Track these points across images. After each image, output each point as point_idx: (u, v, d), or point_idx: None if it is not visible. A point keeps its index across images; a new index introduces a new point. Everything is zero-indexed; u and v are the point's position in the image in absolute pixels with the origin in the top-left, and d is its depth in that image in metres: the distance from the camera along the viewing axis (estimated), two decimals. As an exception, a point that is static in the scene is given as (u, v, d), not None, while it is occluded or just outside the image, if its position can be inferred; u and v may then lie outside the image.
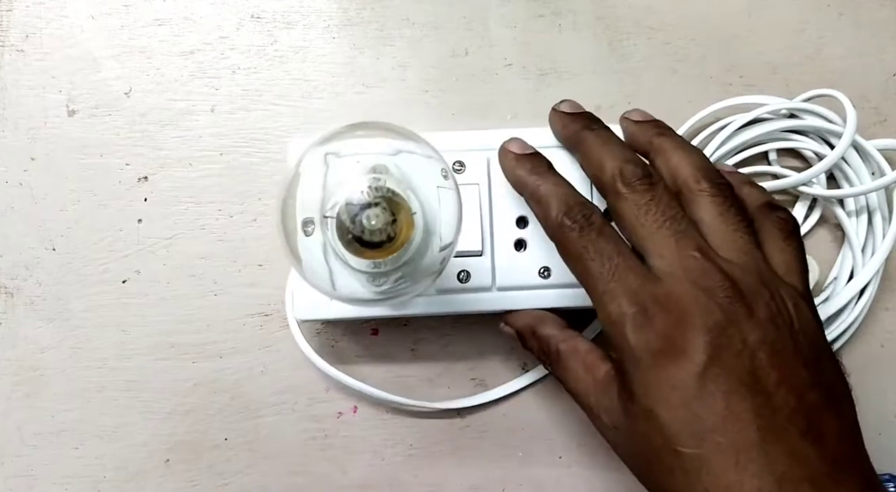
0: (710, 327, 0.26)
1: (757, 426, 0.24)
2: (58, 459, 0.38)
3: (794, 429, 0.25)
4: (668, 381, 0.25)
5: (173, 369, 0.39)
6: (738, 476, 0.24)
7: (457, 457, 0.38)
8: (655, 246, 0.27)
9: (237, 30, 0.41)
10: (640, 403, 0.26)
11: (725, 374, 0.25)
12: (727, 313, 0.26)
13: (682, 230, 0.28)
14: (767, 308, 0.26)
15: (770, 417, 0.25)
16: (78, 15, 0.41)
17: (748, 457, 0.24)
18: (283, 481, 0.38)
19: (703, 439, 0.25)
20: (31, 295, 0.39)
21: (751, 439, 0.24)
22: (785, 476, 0.24)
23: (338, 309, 0.35)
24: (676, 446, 0.25)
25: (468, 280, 0.35)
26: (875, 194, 0.39)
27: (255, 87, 0.40)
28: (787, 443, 0.24)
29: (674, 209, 0.28)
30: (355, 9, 0.41)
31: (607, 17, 0.41)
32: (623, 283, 0.27)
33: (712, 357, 0.25)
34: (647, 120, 0.33)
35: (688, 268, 0.27)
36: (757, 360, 0.25)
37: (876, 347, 0.40)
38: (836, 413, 0.26)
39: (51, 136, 0.40)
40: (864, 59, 0.41)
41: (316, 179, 0.27)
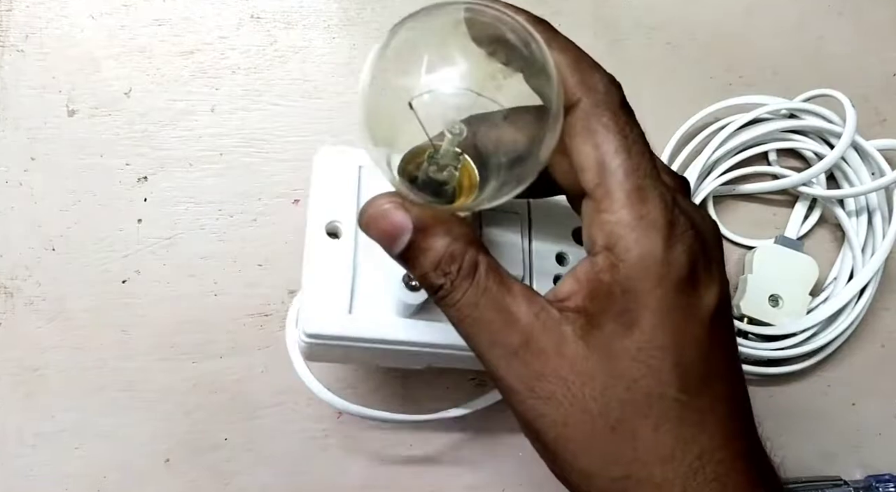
0: (719, 258, 0.23)
1: (740, 375, 0.23)
2: (58, 459, 0.38)
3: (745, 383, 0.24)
4: (686, 311, 0.21)
5: (173, 369, 0.39)
6: (733, 432, 0.22)
7: (457, 457, 0.38)
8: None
9: (237, 30, 0.41)
10: (645, 336, 0.21)
11: (728, 314, 0.23)
12: (719, 241, 0.24)
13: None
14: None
15: (740, 370, 0.24)
16: (78, 15, 0.41)
17: (738, 411, 0.22)
18: (283, 481, 0.38)
19: (707, 386, 0.22)
20: (31, 295, 0.39)
21: (740, 391, 0.23)
22: (752, 430, 0.23)
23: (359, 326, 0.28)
24: (678, 392, 0.21)
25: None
26: (875, 194, 0.39)
27: (255, 87, 0.40)
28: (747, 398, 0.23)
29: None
30: (355, 9, 0.41)
31: (607, 17, 0.41)
32: (658, 184, 0.22)
33: (723, 292, 0.22)
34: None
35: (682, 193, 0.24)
36: (728, 306, 0.23)
37: (876, 347, 0.40)
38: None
39: (51, 136, 0.40)
40: (864, 59, 0.41)
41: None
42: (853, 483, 0.38)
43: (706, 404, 0.21)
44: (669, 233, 0.21)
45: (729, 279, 0.40)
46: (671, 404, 0.21)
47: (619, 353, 0.21)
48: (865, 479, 0.39)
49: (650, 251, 0.21)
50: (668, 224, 0.21)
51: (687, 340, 0.21)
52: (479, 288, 0.23)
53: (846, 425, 0.39)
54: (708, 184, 0.39)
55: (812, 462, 0.39)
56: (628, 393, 0.21)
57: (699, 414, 0.21)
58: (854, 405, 0.40)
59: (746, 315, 0.38)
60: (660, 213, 0.21)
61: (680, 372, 0.21)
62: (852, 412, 0.40)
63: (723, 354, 0.22)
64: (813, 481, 0.38)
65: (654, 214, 0.21)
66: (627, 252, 0.21)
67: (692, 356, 0.21)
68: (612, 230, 0.21)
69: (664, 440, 0.21)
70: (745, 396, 0.23)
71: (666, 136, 0.40)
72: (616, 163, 0.21)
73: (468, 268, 0.23)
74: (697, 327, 0.21)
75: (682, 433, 0.21)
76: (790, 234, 0.40)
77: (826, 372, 0.40)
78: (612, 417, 0.21)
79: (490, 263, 0.23)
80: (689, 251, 0.21)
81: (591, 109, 0.22)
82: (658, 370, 0.21)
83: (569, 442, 0.22)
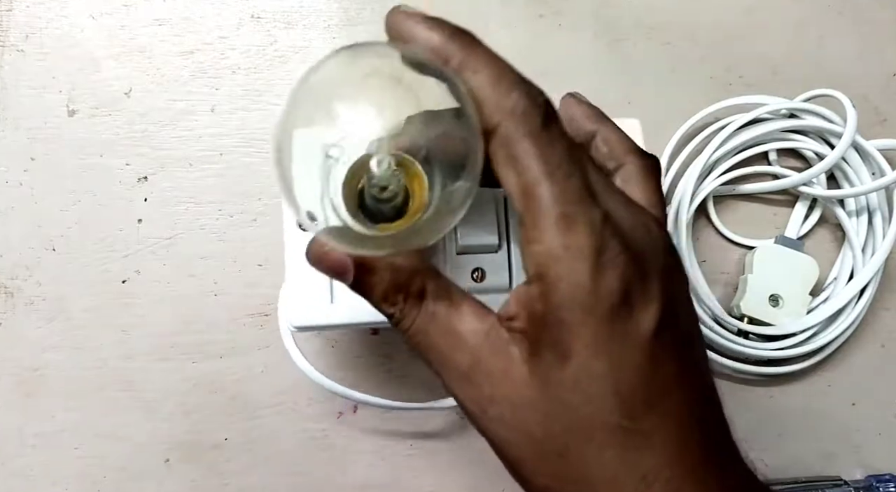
0: (660, 273, 0.22)
1: (693, 389, 0.22)
2: (58, 459, 0.38)
3: (710, 388, 0.23)
4: (623, 336, 0.21)
5: (173, 369, 0.39)
6: (680, 450, 0.21)
7: (457, 457, 0.38)
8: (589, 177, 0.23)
9: (237, 30, 0.41)
10: (580, 365, 0.21)
11: (672, 331, 0.22)
12: (667, 254, 0.23)
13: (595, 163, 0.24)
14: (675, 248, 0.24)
15: (700, 376, 0.23)
16: (78, 15, 0.41)
17: (689, 428, 0.22)
18: (283, 481, 0.38)
19: (652, 408, 0.21)
20: (31, 295, 0.39)
21: (691, 406, 0.22)
22: (716, 441, 0.23)
23: (340, 313, 0.31)
24: (621, 418, 0.21)
25: (483, 279, 0.31)
26: (875, 194, 0.39)
27: (255, 87, 0.40)
28: (710, 405, 0.23)
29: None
30: (355, 9, 0.41)
31: (607, 17, 0.41)
32: (586, 207, 0.21)
33: (664, 309, 0.21)
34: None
35: (618, 199, 0.23)
36: (688, 315, 0.23)
37: (876, 347, 0.40)
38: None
39: (51, 136, 0.40)
40: (864, 59, 0.41)
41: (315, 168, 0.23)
42: (853, 483, 0.38)
43: (652, 424, 0.21)
44: (597, 260, 0.20)
45: (729, 278, 0.40)
46: (614, 429, 0.21)
47: (557, 382, 0.21)
48: (865, 479, 0.39)
49: (578, 282, 0.21)
50: (595, 252, 0.20)
51: (625, 367, 0.21)
52: (426, 314, 0.23)
53: (846, 425, 0.39)
54: (708, 184, 0.39)
55: (812, 462, 0.39)
56: (570, 420, 0.21)
57: (644, 436, 0.21)
58: (854, 405, 0.40)
59: (746, 315, 0.38)
60: (587, 240, 0.20)
61: (620, 399, 0.21)
62: (852, 412, 0.40)
63: (670, 369, 0.22)
64: (813, 481, 0.38)
65: (580, 242, 0.20)
66: (557, 283, 0.21)
67: (632, 382, 0.21)
68: (540, 260, 0.21)
69: (609, 464, 0.21)
70: (703, 400, 0.23)
71: (666, 136, 0.40)
72: (539, 191, 0.21)
73: (415, 296, 0.23)
74: (635, 352, 0.21)
75: (627, 457, 0.21)
76: (790, 234, 0.40)
77: (826, 372, 0.40)
78: (557, 442, 0.21)
79: (438, 287, 0.23)
80: (621, 277, 0.21)
81: (510, 135, 0.21)
82: (598, 398, 0.21)
83: (521, 462, 0.22)
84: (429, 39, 0.22)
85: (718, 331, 0.38)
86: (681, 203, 0.39)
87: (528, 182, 0.21)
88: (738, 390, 0.39)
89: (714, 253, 0.40)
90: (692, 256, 0.39)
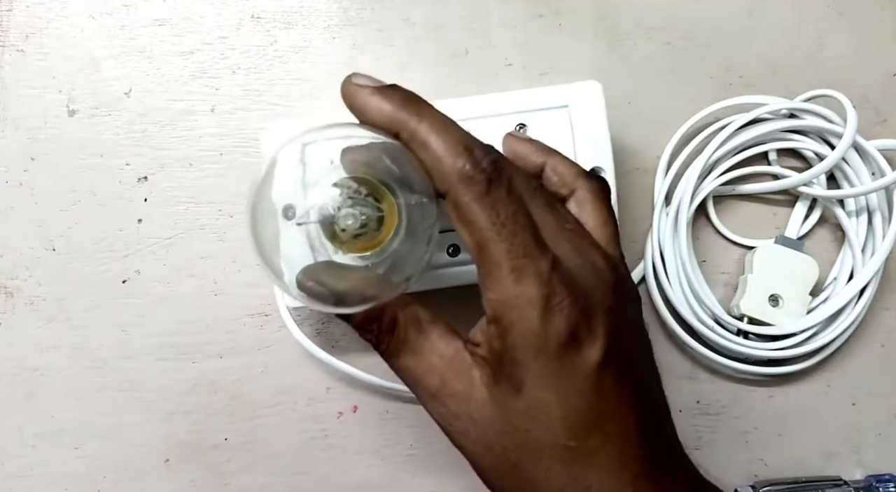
0: (606, 310, 0.24)
1: (637, 412, 0.25)
2: (58, 459, 0.38)
3: (657, 412, 0.26)
4: (570, 370, 0.24)
5: (173, 369, 0.39)
6: (621, 465, 0.24)
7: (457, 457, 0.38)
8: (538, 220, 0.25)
9: (237, 30, 0.41)
10: (531, 396, 0.24)
11: (617, 361, 0.24)
12: (614, 292, 0.25)
13: (551, 198, 0.27)
14: (627, 282, 0.27)
15: (644, 401, 0.25)
16: (78, 15, 0.41)
17: (630, 446, 0.24)
18: (283, 481, 0.38)
19: (595, 429, 0.24)
20: (31, 295, 0.39)
21: (634, 427, 0.24)
22: (657, 458, 0.25)
23: None
24: (566, 440, 0.24)
25: (457, 254, 0.35)
26: (875, 195, 0.39)
27: (255, 87, 0.40)
28: (656, 427, 0.26)
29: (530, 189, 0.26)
30: (355, 9, 0.41)
31: (607, 17, 0.41)
32: (534, 260, 0.23)
33: (609, 343, 0.24)
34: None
35: (571, 242, 0.26)
36: (631, 340, 0.26)
37: (876, 347, 0.40)
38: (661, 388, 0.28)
39: (51, 136, 0.40)
40: (864, 59, 0.41)
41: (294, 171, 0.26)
42: (853, 483, 0.38)
43: (596, 444, 0.24)
44: (545, 306, 0.23)
45: (729, 278, 0.40)
46: (560, 449, 0.24)
47: (511, 408, 0.24)
48: (865, 479, 0.39)
49: (528, 327, 0.23)
50: (543, 299, 0.23)
51: (572, 396, 0.24)
52: (398, 341, 0.26)
53: (846, 425, 0.39)
54: (708, 184, 0.39)
55: (812, 462, 0.39)
56: (522, 440, 0.24)
57: (588, 455, 0.24)
58: (854, 405, 0.40)
59: (746, 315, 0.38)
60: (535, 290, 0.23)
61: (567, 423, 0.24)
62: (852, 412, 0.40)
63: (614, 395, 0.24)
64: (813, 481, 0.38)
65: (529, 291, 0.23)
66: (510, 327, 0.24)
67: (578, 407, 0.24)
68: (496, 307, 0.24)
69: (555, 479, 0.24)
70: (646, 420, 0.25)
71: (666, 136, 0.40)
72: (490, 248, 0.23)
73: (387, 325, 0.26)
74: (582, 383, 0.24)
75: (572, 473, 0.24)
76: (790, 234, 0.40)
77: (826, 372, 0.40)
78: (511, 457, 0.25)
79: (408, 317, 0.26)
80: (567, 320, 0.23)
81: (459, 200, 0.24)
82: (546, 423, 0.24)
83: (484, 470, 0.26)
84: (379, 111, 0.25)
85: (718, 331, 0.38)
86: (681, 203, 0.39)
87: (480, 241, 0.24)
88: (738, 390, 0.39)
89: (714, 253, 0.40)
90: (692, 256, 0.39)
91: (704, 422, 0.39)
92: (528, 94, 0.36)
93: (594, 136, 0.36)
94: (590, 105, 0.36)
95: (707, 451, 0.39)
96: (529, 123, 0.36)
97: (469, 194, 0.23)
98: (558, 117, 0.36)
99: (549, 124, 0.36)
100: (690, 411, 0.39)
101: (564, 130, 0.36)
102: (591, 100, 0.36)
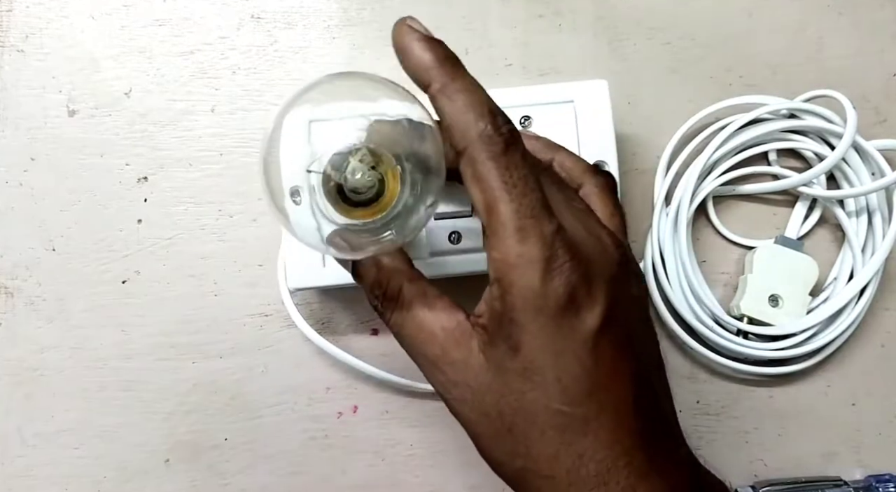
0: (607, 279, 0.25)
1: (634, 385, 0.25)
2: (58, 459, 0.38)
3: (655, 388, 0.26)
4: (567, 334, 0.24)
5: (173, 369, 0.39)
6: (614, 436, 0.24)
7: (457, 457, 0.38)
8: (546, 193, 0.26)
9: (237, 30, 0.41)
10: (528, 357, 0.24)
11: (616, 331, 0.25)
12: (618, 265, 0.26)
13: (561, 181, 0.28)
14: (634, 263, 0.27)
15: (642, 375, 0.26)
16: (78, 15, 0.41)
17: (625, 417, 0.25)
18: (283, 481, 0.38)
19: (590, 396, 0.24)
20: (31, 295, 0.39)
21: (630, 399, 0.25)
22: (651, 433, 0.25)
23: (331, 276, 0.35)
24: (560, 404, 0.24)
25: (459, 241, 0.35)
26: (875, 195, 0.39)
27: (255, 88, 0.40)
28: (652, 402, 0.26)
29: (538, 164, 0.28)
30: (355, 9, 0.41)
31: (607, 17, 0.41)
32: (539, 222, 0.24)
33: (609, 312, 0.25)
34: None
35: (578, 216, 0.26)
36: (635, 315, 0.26)
37: (876, 347, 0.40)
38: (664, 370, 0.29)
39: (51, 136, 0.40)
40: (864, 59, 0.41)
41: (301, 143, 0.27)
42: (853, 483, 0.38)
43: (591, 412, 0.24)
44: (546, 268, 0.24)
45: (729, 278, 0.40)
46: (555, 413, 0.24)
47: (509, 370, 0.25)
48: (865, 479, 0.39)
49: (528, 286, 0.24)
50: (544, 260, 0.24)
51: (568, 359, 0.24)
52: (402, 310, 0.27)
53: (846, 425, 0.39)
54: (708, 184, 0.39)
55: (812, 462, 0.39)
56: (518, 403, 0.25)
57: (582, 421, 0.24)
58: (854, 405, 0.40)
59: (746, 315, 0.38)
60: (537, 250, 0.24)
61: (562, 387, 0.24)
62: (852, 412, 0.40)
63: (611, 365, 0.25)
64: (813, 481, 0.38)
65: (532, 252, 0.24)
66: (511, 286, 0.24)
67: (574, 373, 0.24)
68: (499, 267, 0.24)
69: (550, 443, 0.24)
70: (643, 394, 0.25)
71: (666, 136, 0.40)
72: (499, 207, 0.24)
73: (392, 294, 0.27)
74: (579, 347, 0.24)
75: (565, 438, 0.24)
76: (790, 234, 0.40)
77: (826, 372, 0.40)
78: (507, 421, 0.25)
79: (414, 287, 0.27)
80: (566, 282, 0.24)
81: (475, 157, 0.24)
82: (542, 386, 0.24)
83: (480, 437, 0.26)
84: (420, 58, 0.25)
85: (718, 331, 0.38)
86: (681, 203, 0.39)
87: (490, 199, 0.24)
88: (738, 390, 0.39)
89: (714, 253, 0.40)
90: (692, 256, 0.39)
91: (704, 422, 0.39)
92: (534, 90, 0.36)
93: (599, 131, 0.36)
94: (595, 101, 0.36)
95: (707, 451, 0.39)
96: (534, 116, 0.36)
97: (486, 153, 0.24)
98: (563, 112, 0.36)
99: (553, 118, 0.36)
100: (690, 411, 0.39)
101: (569, 125, 0.36)
102: (596, 96, 0.36)
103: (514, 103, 0.36)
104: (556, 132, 0.32)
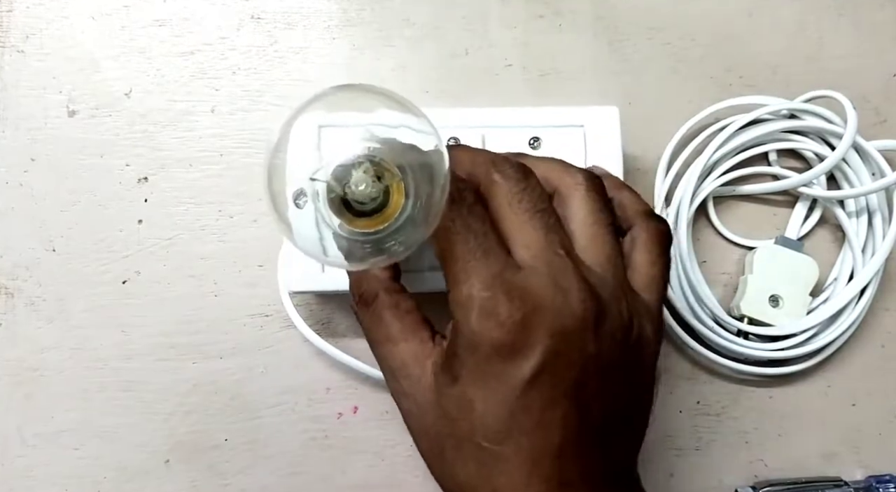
0: (554, 332, 0.25)
1: (561, 436, 0.25)
2: (58, 459, 0.38)
3: (592, 441, 0.26)
4: (498, 376, 0.25)
5: (173, 369, 0.39)
6: (528, 479, 0.25)
7: (457, 457, 0.38)
8: (523, 236, 0.26)
9: (237, 30, 0.41)
10: (462, 389, 0.26)
11: (552, 383, 0.25)
12: (577, 320, 0.25)
13: (551, 225, 0.27)
14: (613, 321, 0.26)
15: (576, 428, 0.25)
16: (78, 15, 0.41)
17: (542, 463, 0.25)
18: (283, 481, 0.38)
19: (510, 438, 0.25)
20: (31, 295, 0.39)
21: (552, 447, 0.25)
22: (568, 482, 0.25)
23: (329, 281, 0.35)
24: (482, 439, 0.25)
25: None
26: (875, 195, 0.39)
27: (255, 88, 0.40)
28: (582, 454, 0.26)
29: (545, 203, 0.27)
30: (355, 9, 0.41)
31: (607, 17, 0.41)
32: (482, 264, 0.25)
33: (546, 364, 0.25)
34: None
35: (551, 263, 0.26)
36: (584, 372, 0.26)
37: (876, 347, 0.40)
38: (632, 428, 0.28)
39: (51, 136, 0.40)
40: (864, 60, 0.41)
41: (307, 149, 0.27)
42: (853, 483, 0.38)
43: (507, 451, 0.25)
44: (481, 308, 0.25)
45: (729, 279, 0.40)
46: (476, 446, 0.26)
47: (447, 396, 0.26)
48: (865, 479, 0.39)
49: (468, 327, 0.25)
50: (481, 300, 0.25)
51: (495, 398, 0.25)
52: (374, 316, 0.29)
53: (846, 425, 0.40)
54: (708, 184, 0.39)
55: (812, 462, 0.39)
56: (449, 430, 0.26)
57: (499, 458, 0.25)
58: (854, 405, 0.40)
59: (746, 315, 0.38)
60: (475, 291, 0.25)
61: (484, 423, 0.25)
62: (852, 412, 0.40)
63: (539, 414, 0.25)
64: (813, 482, 0.38)
65: (470, 292, 0.25)
66: (457, 324, 0.26)
67: (497, 413, 0.25)
68: (450, 304, 0.26)
69: (471, 473, 0.26)
70: (580, 447, 0.26)
71: (666, 136, 0.40)
72: (453, 248, 0.26)
73: (367, 298, 0.29)
74: (506, 390, 0.25)
75: (482, 471, 0.26)
76: (790, 234, 0.40)
77: (826, 372, 0.40)
78: (441, 443, 0.27)
79: (389, 299, 0.29)
80: (500, 327, 0.25)
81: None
82: (469, 418, 0.26)
83: (421, 452, 0.28)
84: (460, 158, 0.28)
85: (718, 331, 0.38)
86: (681, 203, 0.39)
87: (443, 241, 0.26)
88: (738, 391, 0.39)
89: (714, 253, 0.40)
90: (692, 257, 0.39)
91: (704, 422, 0.39)
92: (544, 111, 0.36)
93: (607, 157, 0.36)
94: (605, 127, 0.36)
95: (707, 451, 0.39)
96: (544, 138, 0.36)
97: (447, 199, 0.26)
98: (573, 135, 0.36)
99: (563, 141, 0.36)
100: (690, 411, 0.39)
101: (578, 149, 0.36)
102: (607, 122, 0.36)
103: (523, 124, 0.36)
104: (564, 155, 0.31)
